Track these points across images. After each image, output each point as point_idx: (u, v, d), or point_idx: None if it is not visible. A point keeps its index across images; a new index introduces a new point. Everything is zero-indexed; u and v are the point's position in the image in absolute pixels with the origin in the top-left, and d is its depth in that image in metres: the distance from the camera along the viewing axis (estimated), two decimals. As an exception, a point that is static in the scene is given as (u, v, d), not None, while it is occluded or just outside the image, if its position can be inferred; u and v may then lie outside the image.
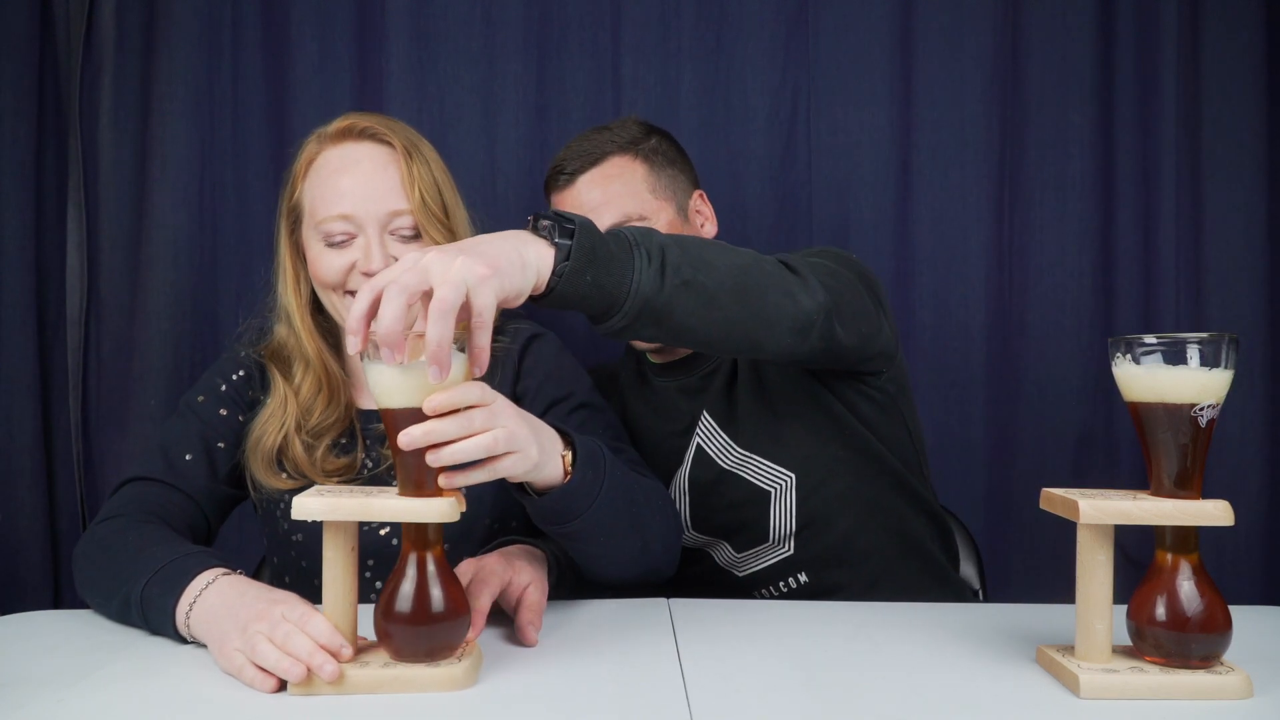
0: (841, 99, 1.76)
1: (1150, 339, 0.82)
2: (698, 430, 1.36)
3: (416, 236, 1.17)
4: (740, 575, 1.35)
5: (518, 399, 1.20)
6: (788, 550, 1.32)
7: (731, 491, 1.32)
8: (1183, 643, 0.81)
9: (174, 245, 1.68)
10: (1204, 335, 0.80)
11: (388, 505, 0.79)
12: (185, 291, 1.68)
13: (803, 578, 1.32)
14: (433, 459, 0.79)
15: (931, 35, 1.78)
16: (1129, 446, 1.76)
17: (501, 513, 1.18)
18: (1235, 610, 0.83)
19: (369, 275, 1.13)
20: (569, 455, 0.92)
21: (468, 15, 1.73)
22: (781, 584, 1.33)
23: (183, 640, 0.91)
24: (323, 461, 1.18)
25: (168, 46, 1.68)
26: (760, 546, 1.33)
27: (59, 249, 1.67)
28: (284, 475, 1.17)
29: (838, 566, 1.30)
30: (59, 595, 1.65)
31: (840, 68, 1.77)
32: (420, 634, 0.79)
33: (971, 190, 1.79)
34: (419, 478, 0.81)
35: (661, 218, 1.34)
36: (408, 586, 0.80)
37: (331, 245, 1.16)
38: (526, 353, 1.24)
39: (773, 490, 1.30)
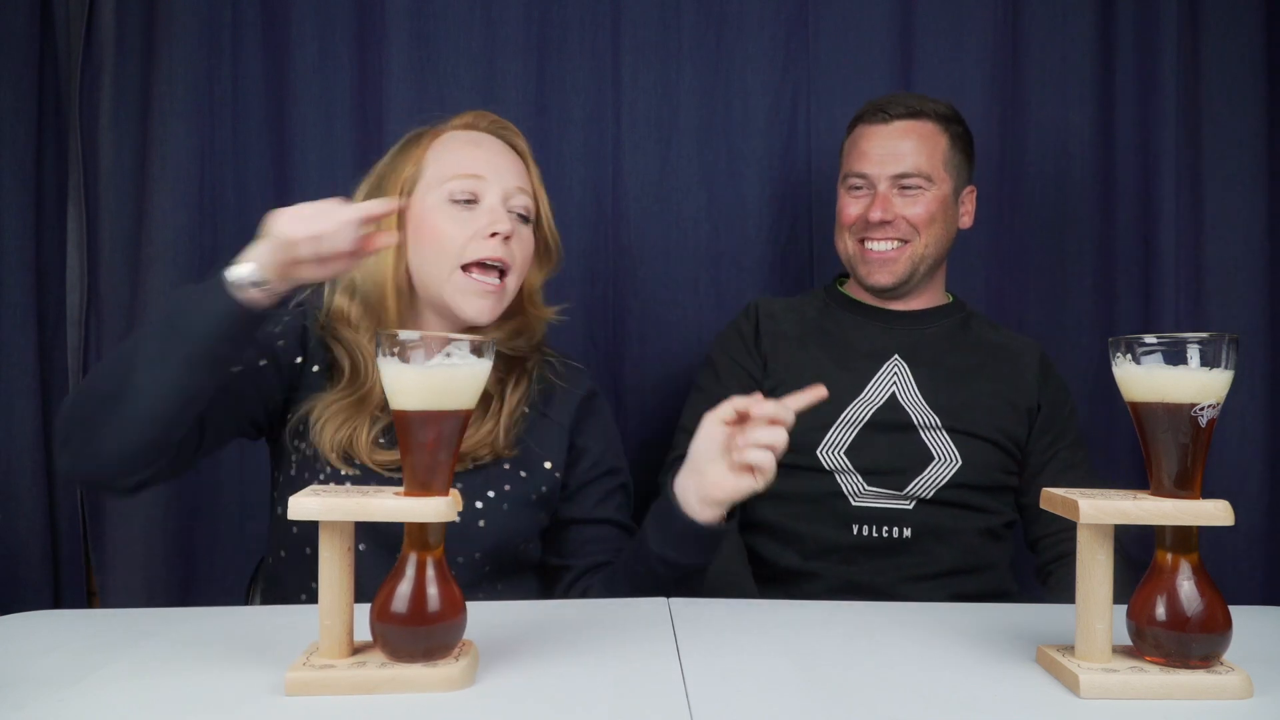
0: (841, 99, 1.76)
1: (1150, 339, 0.82)
2: (890, 366, 1.50)
3: (527, 220, 1.22)
4: (855, 504, 1.44)
5: (575, 449, 1.27)
6: (909, 504, 1.43)
7: (902, 441, 1.45)
8: (1183, 643, 0.81)
9: (174, 245, 1.68)
10: (1204, 335, 0.80)
11: (385, 505, 0.79)
12: (185, 291, 1.68)
13: (908, 532, 1.42)
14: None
15: (931, 35, 1.78)
16: (1129, 446, 1.76)
17: (495, 546, 1.19)
18: (1235, 610, 0.83)
19: (495, 235, 1.16)
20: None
21: (468, 15, 1.73)
22: (886, 529, 1.42)
23: (230, 305, 0.98)
24: (370, 450, 1.16)
25: (168, 46, 1.68)
26: (889, 491, 1.44)
27: (59, 249, 1.67)
28: (341, 456, 1.15)
29: (940, 543, 1.42)
30: (59, 595, 1.65)
31: (840, 68, 1.78)
32: (417, 634, 0.79)
33: (971, 190, 1.80)
34: (425, 478, 0.81)
35: (941, 187, 1.51)
36: (405, 587, 0.80)
37: (455, 203, 1.18)
38: (588, 409, 1.30)
39: (936, 460, 1.44)
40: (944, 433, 1.45)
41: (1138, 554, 1.54)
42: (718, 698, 0.78)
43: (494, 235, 1.16)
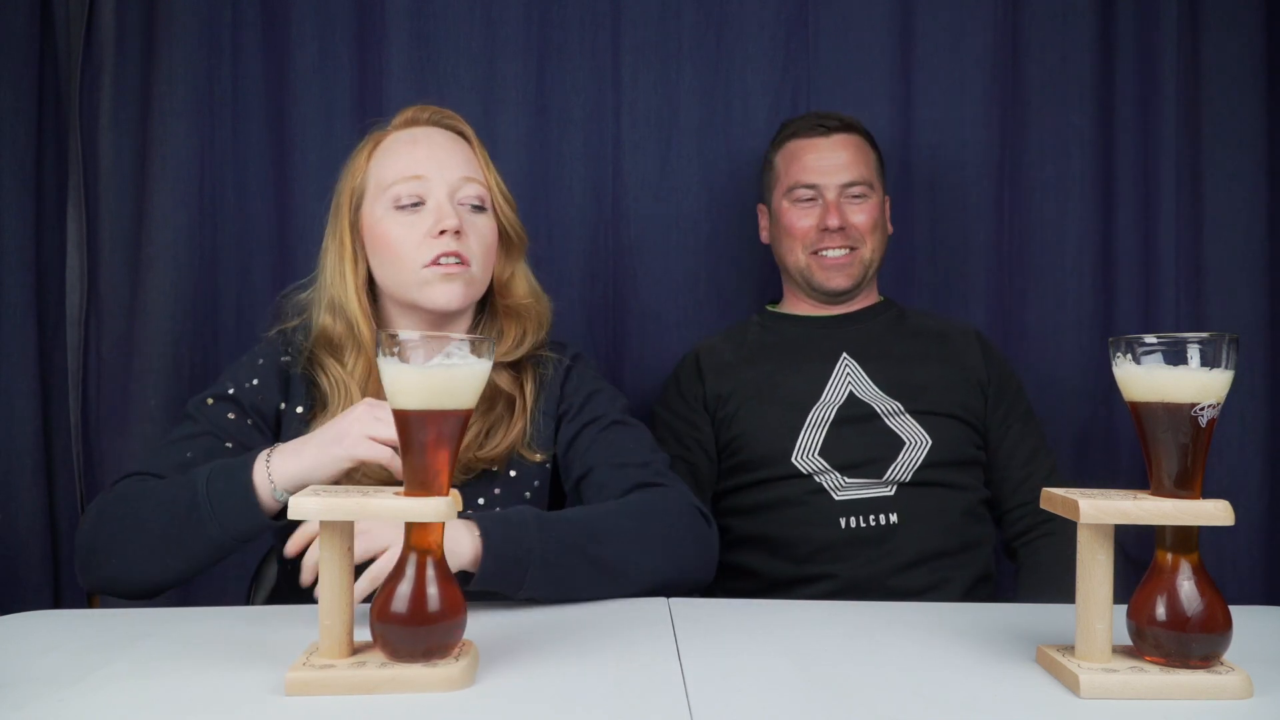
0: (841, 99, 1.76)
1: (1150, 339, 0.82)
2: (841, 364, 1.55)
3: (481, 209, 1.20)
4: (838, 498, 1.46)
5: (559, 419, 1.24)
6: (889, 490, 1.46)
7: (870, 431, 1.48)
8: (1183, 642, 0.81)
9: (174, 245, 1.68)
10: (1204, 335, 0.80)
11: (384, 505, 0.79)
12: (185, 291, 1.68)
13: (894, 518, 1.44)
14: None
15: (931, 35, 1.78)
16: (1129, 446, 1.76)
17: None
18: (1235, 610, 0.83)
19: (445, 233, 1.14)
20: (480, 544, 0.98)
21: (468, 15, 1.73)
22: (873, 518, 1.44)
23: (259, 521, 0.98)
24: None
25: (168, 46, 1.68)
26: (869, 480, 1.46)
27: (59, 249, 1.67)
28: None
29: (926, 525, 1.45)
30: (59, 595, 1.65)
31: (840, 68, 1.78)
32: (417, 634, 0.79)
33: (971, 190, 1.80)
34: (425, 478, 0.81)
35: (879, 195, 1.60)
36: (405, 587, 0.80)
37: (400, 208, 1.16)
38: (568, 378, 1.27)
39: (906, 444, 1.48)
40: (908, 416, 1.49)
41: (1137, 554, 1.56)
42: (718, 698, 0.78)
43: (442, 233, 1.15)
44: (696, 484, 1.53)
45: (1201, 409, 0.80)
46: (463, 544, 0.97)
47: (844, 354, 1.55)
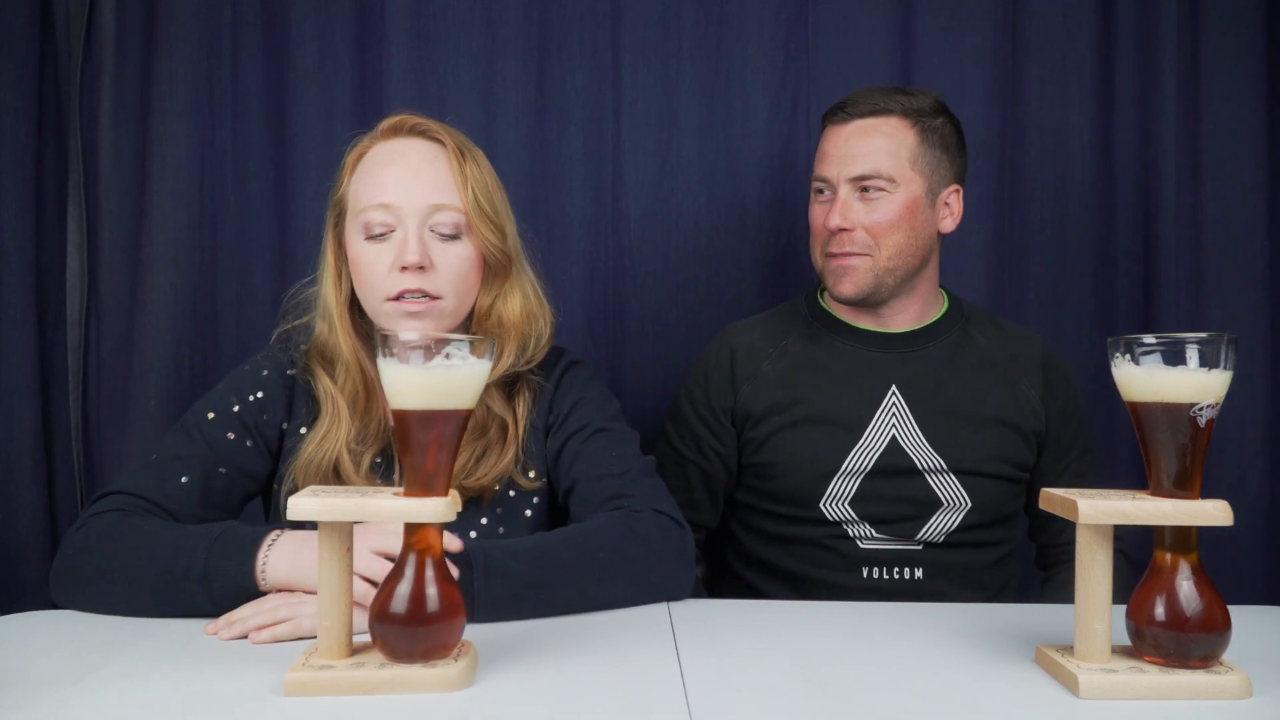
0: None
1: (1150, 339, 0.82)
2: (888, 403, 1.40)
3: (455, 237, 1.14)
4: (863, 547, 1.38)
5: (548, 431, 1.22)
6: (918, 548, 1.38)
7: (908, 487, 1.38)
8: (1182, 643, 0.81)
9: (174, 245, 1.68)
10: (1204, 335, 0.80)
11: (384, 505, 0.79)
12: (185, 291, 1.68)
13: (919, 573, 1.38)
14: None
15: (931, 35, 1.78)
16: (1129, 446, 1.76)
17: None
18: (1235, 610, 0.83)
19: (406, 269, 1.10)
20: None
21: (468, 15, 1.73)
22: (897, 571, 1.38)
23: (249, 599, 0.95)
24: (367, 481, 1.15)
25: (168, 46, 1.68)
26: (898, 538, 1.38)
27: (59, 249, 1.67)
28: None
29: (953, 583, 1.38)
30: (59, 595, 1.65)
31: (840, 68, 1.77)
32: (416, 634, 0.79)
33: (972, 189, 1.79)
34: (425, 478, 0.81)
35: (909, 189, 1.39)
36: (404, 587, 0.80)
37: (371, 238, 1.12)
38: (560, 385, 1.24)
39: (944, 505, 1.38)
40: (950, 475, 1.38)
41: (1138, 554, 1.55)
42: (717, 698, 0.78)
43: (405, 269, 1.11)
44: (709, 493, 1.48)
45: (1201, 409, 0.80)
46: None
47: (893, 388, 1.40)
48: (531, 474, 1.20)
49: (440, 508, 0.79)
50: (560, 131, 1.76)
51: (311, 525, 0.82)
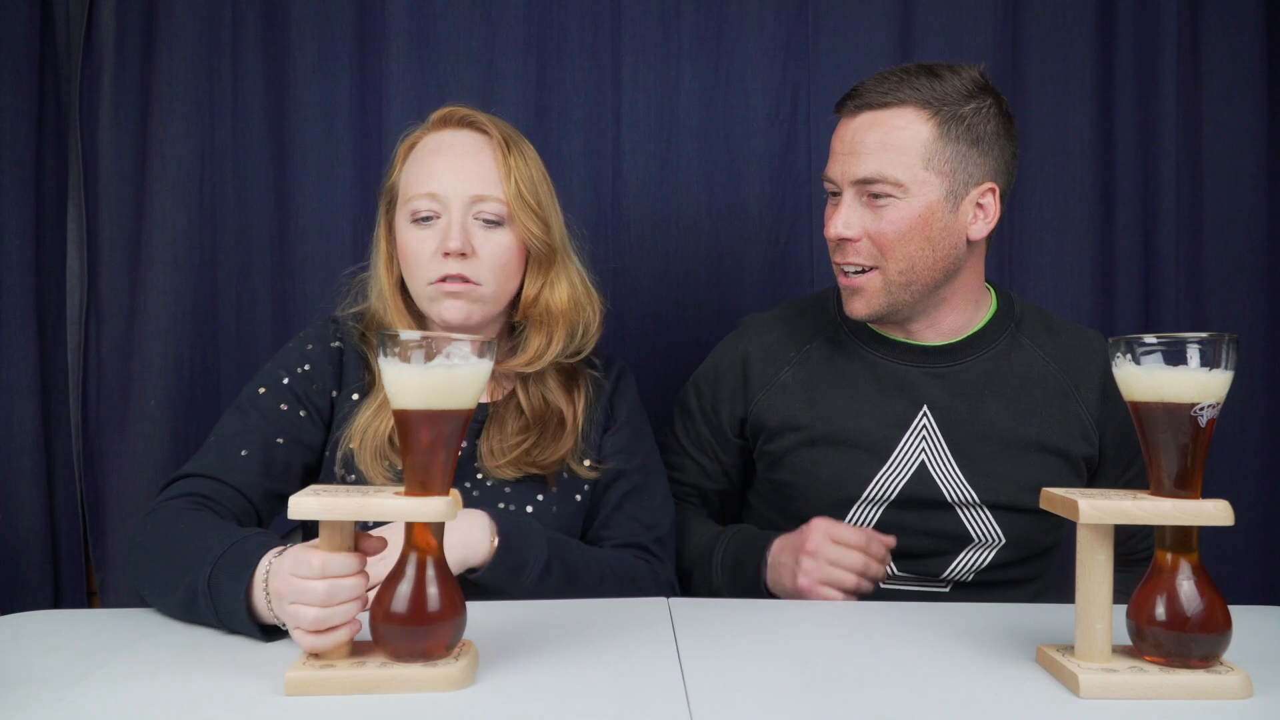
0: (841, 99, 1.76)
1: (1150, 339, 0.82)
2: (919, 425, 1.26)
3: (498, 224, 1.18)
4: (882, 588, 1.23)
5: (608, 423, 1.29)
6: (945, 588, 1.28)
7: (935, 520, 1.25)
8: (1182, 642, 0.81)
9: (174, 245, 1.68)
10: (1204, 335, 0.80)
11: (385, 505, 0.79)
12: (185, 291, 1.68)
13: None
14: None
15: (931, 35, 1.78)
16: (1129, 446, 1.76)
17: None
18: (1235, 610, 0.83)
19: (449, 255, 1.14)
20: (495, 541, 1.06)
21: (468, 15, 1.73)
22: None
23: (259, 628, 0.89)
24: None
25: (168, 46, 1.68)
26: (921, 576, 1.27)
27: (59, 249, 1.67)
28: (385, 464, 1.15)
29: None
30: (59, 595, 1.65)
31: (840, 68, 1.77)
32: (417, 634, 0.79)
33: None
34: (425, 478, 0.81)
35: (922, 193, 1.19)
36: (405, 587, 0.80)
37: (416, 222, 1.17)
38: (617, 389, 1.32)
39: (975, 541, 1.26)
40: (984, 510, 1.23)
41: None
42: (717, 698, 0.78)
43: (447, 254, 1.15)
44: (703, 501, 1.43)
45: (1201, 409, 0.80)
46: (478, 541, 1.05)
47: (925, 409, 1.25)
48: (587, 463, 1.25)
49: (441, 507, 0.79)
50: (560, 131, 1.76)
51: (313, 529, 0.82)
